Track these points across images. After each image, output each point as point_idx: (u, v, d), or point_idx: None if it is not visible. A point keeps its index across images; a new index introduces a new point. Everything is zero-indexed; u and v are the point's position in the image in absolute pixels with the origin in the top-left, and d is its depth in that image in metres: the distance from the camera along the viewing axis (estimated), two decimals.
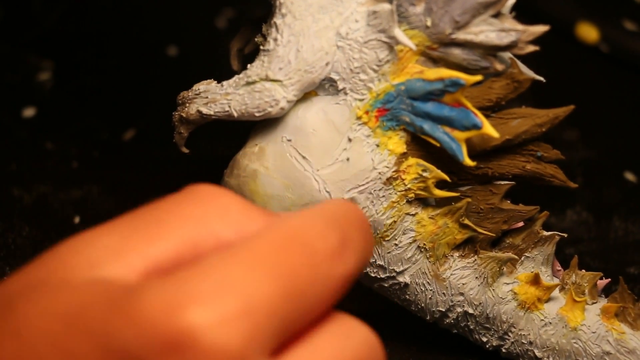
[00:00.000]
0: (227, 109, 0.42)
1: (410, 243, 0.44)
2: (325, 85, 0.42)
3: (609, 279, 0.46)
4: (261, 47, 0.42)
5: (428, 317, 0.46)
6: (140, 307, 0.28)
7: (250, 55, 0.45)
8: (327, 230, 0.31)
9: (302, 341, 0.30)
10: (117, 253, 0.30)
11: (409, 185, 0.43)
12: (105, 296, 0.29)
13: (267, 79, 0.42)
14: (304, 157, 0.42)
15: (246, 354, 0.28)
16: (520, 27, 0.41)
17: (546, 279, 0.45)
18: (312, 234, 0.30)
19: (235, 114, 0.42)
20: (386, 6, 0.41)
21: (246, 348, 0.28)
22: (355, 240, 0.31)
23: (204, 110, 0.43)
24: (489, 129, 0.41)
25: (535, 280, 0.44)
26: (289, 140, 0.42)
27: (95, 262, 0.30)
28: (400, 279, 0.44)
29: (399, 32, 0.41)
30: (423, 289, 0.45)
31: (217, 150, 0.57)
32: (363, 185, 0.42)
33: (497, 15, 0.41)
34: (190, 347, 0.28)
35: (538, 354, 0.45)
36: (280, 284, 0.29)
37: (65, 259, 0.30)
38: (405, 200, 0.43)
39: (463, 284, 0.44)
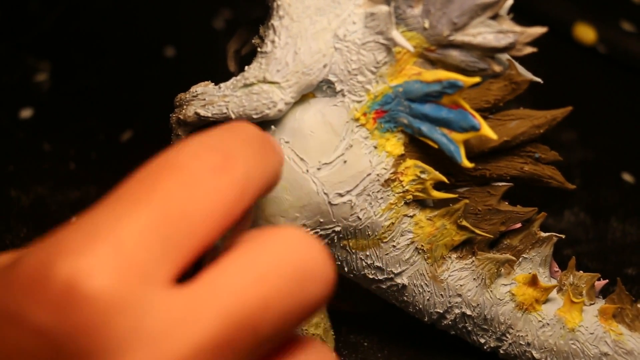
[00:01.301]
0: (224, 111, 0.42)
1: (408, 244, 0.44)
2: (323, 87, 0.42)
3: (607, 280, 0.46)
4: (258, 49, 0.42)
5: (426, 319, 0.46)
6: (20, 271, 0.29)
7: (247, 57, 0.45)
8: (202, 151, 0.31)
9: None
10: (85, 241, 0.30)
11: (406, 187, 0.43)
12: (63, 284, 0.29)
13: (264, 81, 0.42)
14: (301, 159, 0.42)
15: (129, 288, 0.28)
16: (518, 28, 0.41)
17: (544, 280, 0.45)
18: (184, 156, 0.31)
19: (233, 116, 0.42)
20: (384, 8, 0.41)
21: (127, 283, 0.28)
22: (242, 154, 0.31)
23: (202, 112, 0.43)
24: (487, 131, 0.41)
25: (533, 282, 0.44)
26: (287, 142, 0.42)
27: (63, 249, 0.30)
28: (398, 280, 0.44)
29: (396, 34, 0.41)
30: (421, 291, 0.45)
31: None
32: (361, 187, 0.42)
33: (494, 17, 0.41)
34: (70, 296, 0.28)
35: (536, 355, 0.45)
36: (152, 211, 0.29)
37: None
38: (403, 202, 0.43)
39: (461, 285, 0.44)
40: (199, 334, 0.28)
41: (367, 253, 0.44)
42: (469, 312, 0.45)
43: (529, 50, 0.41)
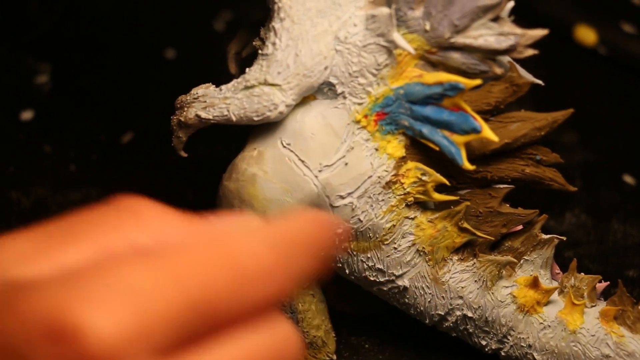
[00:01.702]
0: (225, 113, 0.42)
1: (410, 247, 0.44)
2: (324, 89, 0.42)
3: (608, 282, 0.46)
4: (259, 51, 0.42)
5: (427, 321, 0.46)
6: (28, 301, 0.28)
7: (248, 59, 0.45)
8: (263, 250, 0.30)
9: (217, 338, 0.30)
10: (27, 257, 0.30)
11: (408, 189, 0.43)
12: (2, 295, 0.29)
13: (265, 83, 0.42)
14: (302, 161, 0.42)
15: (130, 351, 0.28)
16: (519, 30, 0.41)
17: (545, 282, 0.45)
18: (244, 251, 0.30)
19: (234, 118, 0.42)
20: (385, 10, 0.41)
21: (130, 346, 0.28)
22: (297, 265, 0.31)
23: (203, 114, 0.43)
24: (488, 133, 0.41)
25: (534, 284, 0.44)
26: (288, 144, 0.42)
27: (5, 266, 0.30)
28: (400, 282, 0.44)
29: (397, 36, 0.41)
30: (422, 293, 0.45)
31: (216, 154, 0.57)
32: (362, 189, 0.42)
33: (496, 19, 0.41)
34: (72, 340, 0.28)
35: (537, 357, 0.45)
36: (186, 294, 0.29)
37: None
38: (404, 204, 0.43)
39: (462, 288, 0.44)
40: None
41: (369, 255, 0.44)
42: (470, 314, 0.45)
43: (530, 52, 0.41)
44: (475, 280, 0.44)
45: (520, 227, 0.44)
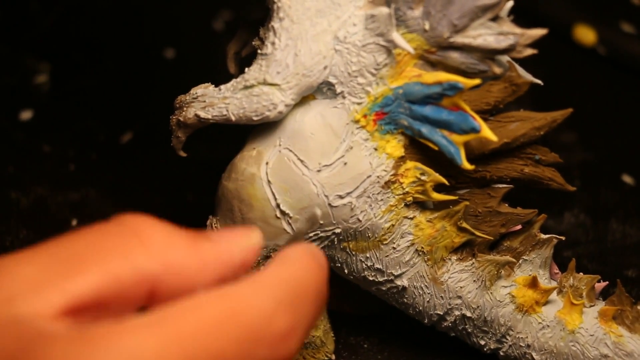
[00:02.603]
0: (225, 112, 0.42)
1: (408, 246, 0.44)
2: (323, 89, 0.42)
3: (607, 282, 0.46)
4: (259, 51, 0.42)
5: (426, 320, 0.46)
6: (46, 357, 0.28)
7: (247, 59, 0.45)
8: (277, 313, 0.30)
9: None
10: (36, 287, 0.29)
11: (407, 189, 0.43)
12: (18, 338, 0.28)
13: (265, 82, 0.42)
14: (301, 161, 0.42)
15: None
16: (518, 30, 0.41)
17: (544, 281, 0.45)
18: (258, 315, 0.29)
19: (233, 118, 0.42)
20: (384, 10, 0.41)
21: None
22: (306, 318, 0.30)
23: (202, 114, 0.43)
24: (487, 133, 0.41)
25: (533, 283, 0.44)
26: (287, 144, 0.42)
27: (13, 296, 0.29)
28: (398, 282, 0.44)
29: (397, 36, 0.41)
30: (421, 292, 0.45)
31: (215, 154, 0.57)
32: (361, 188, 0.42)
33: (495, 18, 0.41)
34: None
35: (536, 357, 0.45)
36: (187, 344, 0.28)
37: None
38: (403, 204, 0.43)
39: (461, 287, 0.44)
40: None
41: (367, 255, 0.44)
42: (469, 314, 0.45)
43: (529, 52, 0.41)
44: (474, 280, 0.44)
45: (519, 226, 0.45)
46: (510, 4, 0.42)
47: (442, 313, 0.45)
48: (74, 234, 0.31)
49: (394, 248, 0.44)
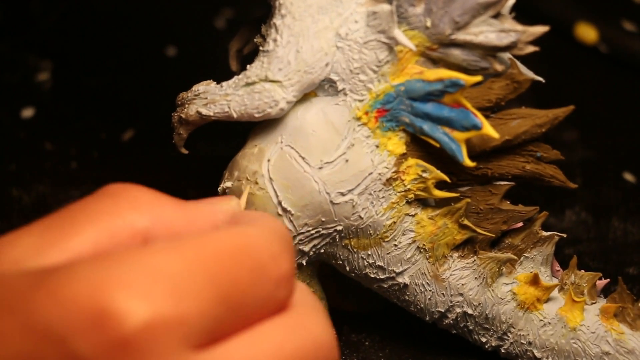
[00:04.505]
0: (226, 109, 0.42)
1: (410, 244, 0.44)
2: (325, 86, 0.42)
3: (608, 279, 0.46)
4: (260, 48, 0.42)
5: (427, 318, 0.46)
6: (65, 284, 0.28)
7: (249, 56, 0.45)
8: (282, 255, 0.31)
9: (242, 333, 0.30)
10: (37, 249, 0.30)
11: (408, 186, 0.43)
12: (29, 279, 0.29)
13: (266, 79, 0.42)
14: (303, 158, 0.42)
15: (167, 343, 0.28)
16: (519, 27, 0.41)
17: (545, 279, 0.45)
18: (268, 254, 0.31)
19: (235, 115, 0.42)
20: (386, 7, 0.41)
21: (168, 339, 0.28)
22: (292, 260, 0.32)
23: (204, 111, 0.43)
24: (488, 130, 0.41)
25: (535, 281, 0.44)
26: (289, 141, 0.42)
27: (18, 259, 0.30)
28: (400, 279, 0.44)
29: (398, 33, 0.41)
30: (422, 290, 0.45)
31: (217, 151, 0.57)
32: (362, 186, 0.42)
33: (496, 15, 0.41)
34: (112, 325, 0.28)
35: (537, 354, 0.45)
36: (218, 290, 0.29)
37: None
38: (404, 201, 0.43)
39: (462, 285, 0.44)
40: None
41: (369, 252, 0.44)
42: (470, 311, 0.45)
43: (531, 49, 0.41)
44: (476, 277, 0.44)
45: (520, 224, 0.45)
46: (511, 1, 0.42)
47: (443, 310, 0.45)
48: (65, 207, 0.32)
49: (395, 245, 0.44)
